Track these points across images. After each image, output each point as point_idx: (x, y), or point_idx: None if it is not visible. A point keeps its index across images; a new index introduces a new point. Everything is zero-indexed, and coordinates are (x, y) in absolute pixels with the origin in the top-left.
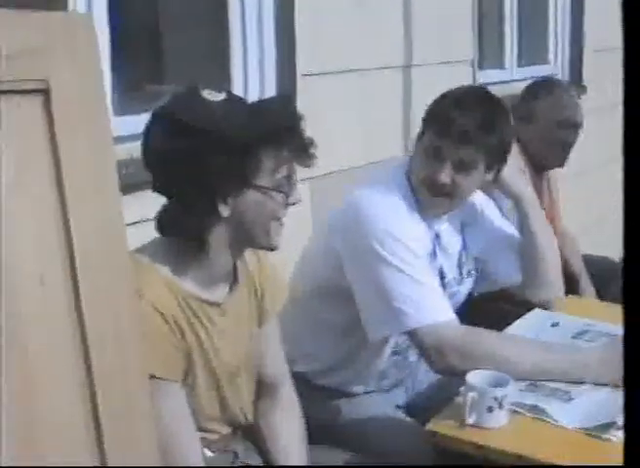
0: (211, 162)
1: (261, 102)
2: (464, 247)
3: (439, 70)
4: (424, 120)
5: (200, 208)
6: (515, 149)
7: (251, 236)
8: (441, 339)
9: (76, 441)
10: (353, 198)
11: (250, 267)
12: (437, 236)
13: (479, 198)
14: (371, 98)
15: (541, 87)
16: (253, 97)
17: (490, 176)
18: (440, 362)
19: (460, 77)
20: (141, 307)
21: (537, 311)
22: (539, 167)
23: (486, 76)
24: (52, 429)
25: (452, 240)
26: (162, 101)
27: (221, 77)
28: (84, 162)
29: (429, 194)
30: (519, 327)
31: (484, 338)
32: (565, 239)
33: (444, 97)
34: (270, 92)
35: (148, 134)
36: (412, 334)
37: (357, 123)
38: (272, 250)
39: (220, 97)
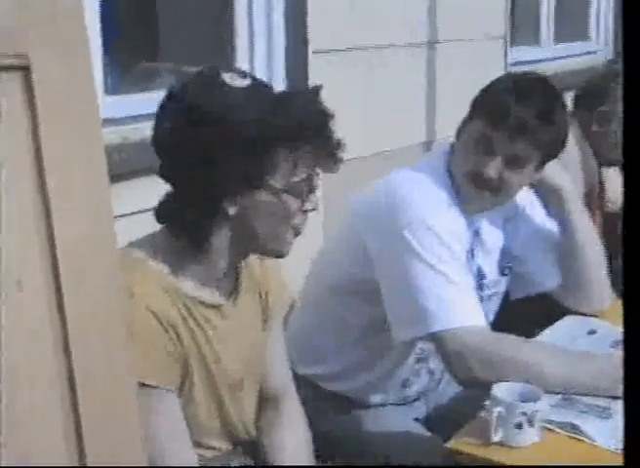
0: (224, 155)
1: (289, 94)
2: (505, 245)
3: (466, 47)
4: (474, 105)
5: (205, 203)
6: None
7: (256, 240)
8: (465, 346)
9: (56, 452)
10: (385, 183)
11: (253, 269)
12: (477, 233)
13: (523, 192)
14: (389, 79)
15: None
16: (259, 73)
17: (540, 175)
18: (463, 371)
19: (490, 55)
20: (133, 307)
21: (572, 316)
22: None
23: (519, 54)
24: (31, 434)
25: (492, 237)
26: (179, 81)
27: (223, 52)
28: (69, 149)
29: (474, 188)
30: (552, 334)
31: (512, 346)
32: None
33: (499, 81)
34: (279, 70)
35: (161, 116)
36: (436, 339)
37: (374, 106)
38: (279, 257)
39: (245, 82)
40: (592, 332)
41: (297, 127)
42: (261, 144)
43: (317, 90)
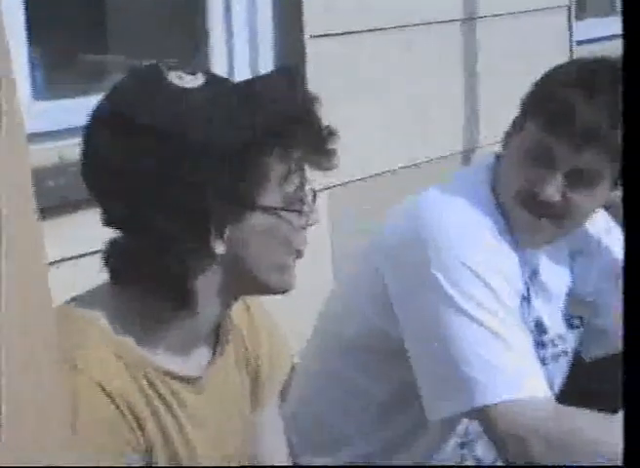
0: (193, 180)
1: (256, 83)
2: (573, 287)
3: (515, 23)
4: (526, 105)
5: (183, 246)
6: None
7: (255, 277)
8: (524, 423)
9: None
10: (412, 208)
11: (236, 321)
12: (535, 273)
13: (597, 218)
14: (414, 68)
15: None
16: (241, 70)
17: (617, 193)
18: (521, 455)
19: (549, 32)
20: (78, 383)
21: None
22: None
23: (588, 29)
24: None
25: (555, 279)
26: (107, 92)
27: (190, 44)
28: None
29: (528, 214)
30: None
31: (586, 423)
32: None
33: (560, 70)
34: (266, 65)
35: (90, 144)
36: (483, 416)
37: (394, 104)
38: (285, 292)
39: (197, 81)
40: None
41: (278, 122)
42: (241, 155)
43: (290, 68)
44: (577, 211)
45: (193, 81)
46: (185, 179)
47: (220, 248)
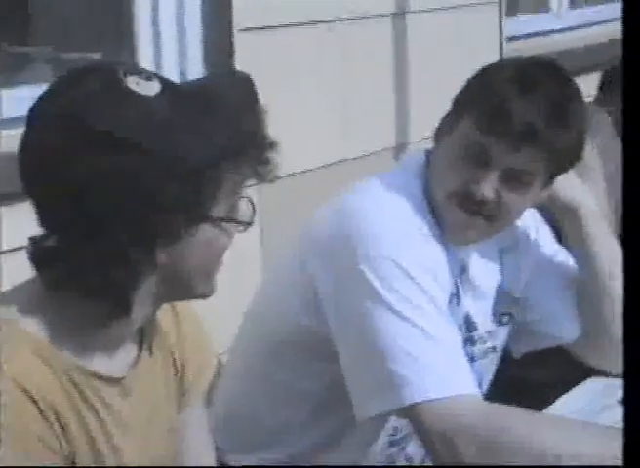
0: (147, 191)
1: (212, 93)
2: (503, 284)
3: (445, 18)
4: (460, 103)
5: (128, 256)
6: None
7: (188, 285)
8: (453, 422)
9: None
10: (341, 204)
11: (162, 323)
12: (464, 270)
13: (526, 216)
14: (345, 62)
15: None
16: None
17: (547, 193)
18: (449, 454)
19: (479, 27)
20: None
21: (597, 378)
22: None
23: (519, 24)
24: None
25: (485, 275)
26: (50, 91)
27: (115, 36)
28: None
29: (463, 212)
30: (570, 402)
31: (515, 421)
32: None
33: (496, 69)
34: (194, 59)
35: (37, 142)
36: (412, 414)
37: (325, 100)
38: (206, 297)
39: (154, 87)
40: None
41: (240, 138)
42: (201, 169)
43: (243, 77)
44: (509, 209)
45: (150, 88)
46: (139, 190)
47: (162, 257)
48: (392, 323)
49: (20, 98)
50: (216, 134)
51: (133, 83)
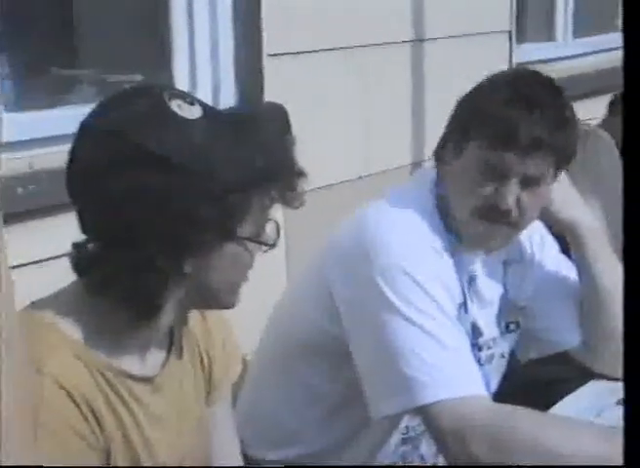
0: (183, 209)
1: (249, 121)
2: (507, 293)
3: (460, 46)
4: (464, 127)
5: (158, 266)
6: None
7: (214, 296)
8: (463, 421)
9: None
10: (361, 217)
11: (191, 326)
12: (471, 280)
13: (533, 227)
14: (366, 86)
15: None
16: (202, 87)
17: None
18: (460, 452)
19: (493, 54)
20: (40, 386)
21: (597, 381)
22: None
23: (528, 52)
24: None
25: (490, 284)
26: (101, 108)
27: (154, 60)
28: None
29: (488, 224)
30: (573, 404)
31: (522, 421)
32: None
33: (491, 91)
34: (227, 80)
35: (85, 156)
36: (425, 414)
37: (347, 120)
38: (230, 308)
39: (196, 112)
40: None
41: (274, 165)
42: (236, 193)
43: (279, 109)
44: (529, 211)
45: (192, 111)
46: (174, 205)
47: (188, 268)
48: (405, 329)
49: (69, 117)
50: (249, 160)
51: (176, 106)
